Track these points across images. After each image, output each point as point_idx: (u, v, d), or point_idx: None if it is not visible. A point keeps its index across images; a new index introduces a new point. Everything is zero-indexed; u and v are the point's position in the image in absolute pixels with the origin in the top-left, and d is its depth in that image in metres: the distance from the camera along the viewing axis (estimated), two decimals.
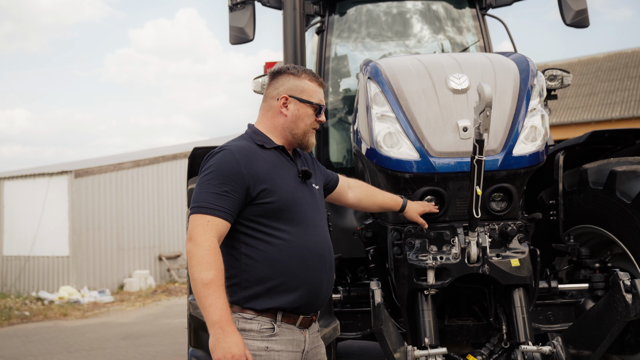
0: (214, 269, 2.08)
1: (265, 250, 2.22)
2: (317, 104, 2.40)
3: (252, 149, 2.30)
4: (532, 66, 3.40)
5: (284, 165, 2.35)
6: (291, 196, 2.28)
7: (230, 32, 4.89)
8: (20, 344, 8.35)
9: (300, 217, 2.28)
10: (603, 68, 21.08)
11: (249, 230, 2.24)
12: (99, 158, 18.43)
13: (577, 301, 3.59)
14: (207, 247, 2.10)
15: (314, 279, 2.28)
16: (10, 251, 13.94)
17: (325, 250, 2.35)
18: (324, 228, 2.40)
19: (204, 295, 2.05)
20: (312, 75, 2.42)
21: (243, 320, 2.21)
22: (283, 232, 2.24)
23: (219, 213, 2.15)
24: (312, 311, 2.34)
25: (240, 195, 2.19)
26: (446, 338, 3.33)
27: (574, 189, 3.72)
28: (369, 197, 2.93)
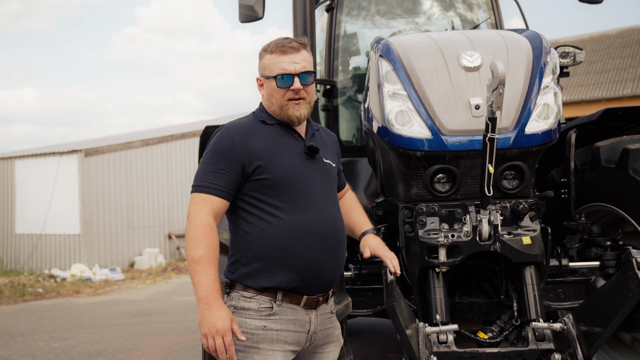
0: (204, 246, 2.12)
1: (262, 227, 2.22)
2: (274, 75, 2.30)
3: (253, 125, 2.31)
4: (545, 43, 3.37)
5: (288, 140, 2.32)
6: (290, 172, 2.25)
7: (239, 10, 4.86)
8: (35, 320, 8.49)
9: (301, 194, 2.25)
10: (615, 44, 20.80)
11: (247, 207, 2.25)
12: (109, 137, 18.49)
13: (587, 279, 3.61)
14: (199, 224, 2.14)
15: (312, 259, 2.24)
16: (23, 229, 14.09)
17: (329, 229, 2.29)
18: (331, 206, 2.34)
19: (194, 272, 2.11)
20: (275, 46, 2.31)
21: (243, 298, 2.23)
22: (280, 210, 2.22)
23: (213, 191, 2.19)
24: (317, 292, 2.30)
25: (235, 172, 2.21)
26: (457, 315, 3.36)
27: (585, 167, 3.71)
28: (344, 209, 2.67)
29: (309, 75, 2.32)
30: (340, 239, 2.35)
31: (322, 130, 2.52)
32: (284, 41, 2.31)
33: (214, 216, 2.19)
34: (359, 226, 2.66)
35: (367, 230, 2.64)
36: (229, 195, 2.22)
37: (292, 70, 2.28)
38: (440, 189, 3.21)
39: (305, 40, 2.36)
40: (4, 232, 14.49)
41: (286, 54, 2.29)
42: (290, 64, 2.28)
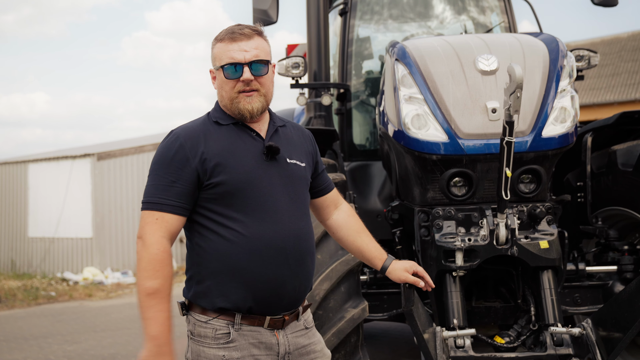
0: (160, 277, 1.90)
1: (215, 242, 1.98)
2: (224, 64, 2.03)
3: (204, 128, 2.06)
4: (561, 47, 3.37)
5: (244, 141, 2.06)
6: (245, 178, 1.99)
7: (253, 14, 4.89)
8: (49, 323, 8.53)
9: (258, 202, 1.99)
10: (627, 48, 20.67)
11: (201, 219, 2.00)
12: (121, 141, 18.59)
13: (605, 284, 3.59)
14: (155, 251, 1.91)
15: (271, 275, 1.98)
16: (36, 233, 14.18)
17: (290, 241, 2.01)
18: (294, 214, 2.06)
19: (147, 306, 1.89)
20: (224, 34, 2.07)
21: (199, 324, 2.00)
22: (235, 222, 1.97)
23: (167, 208, 1.95)
24: (280, 310, 2.04)
25: (190, 183, 1.97)
26: (474, 319, 3.35)
27: (602, 171, 3.69)
28: (352, 230, 2.36)
29: (262, 65, 2.04)
30: (303, 250, 2.07)
31: (291, 127, 2.23)
32: (234, 27, 2.07)
33: (170, 237, 1.97)
34: (379, 255, 2.34)
35: (388, 260, 2.34)
36: (184, 210, 1.97)
37: (241, 59, 2.02)
38: (457, 192, 3.21)
39: (259, 28, 2.11)
40: (17, 235, 14.59)
41: (235, 42, 2.03)
42: (240, 52, 2.02)
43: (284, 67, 4.76)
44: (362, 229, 2.38)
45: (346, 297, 3.16)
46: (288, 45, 6.29)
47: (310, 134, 2.31)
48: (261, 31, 2.10)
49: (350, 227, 2.36)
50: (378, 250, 2.35)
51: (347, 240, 2.37)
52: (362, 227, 2.38)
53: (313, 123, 4.47)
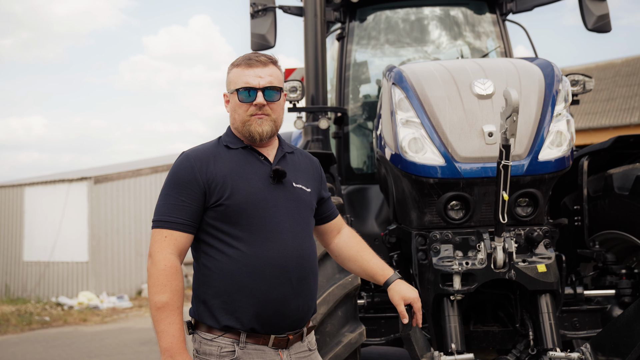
0: (168, 291, 1.97)
1: (221, 261, 2.05)
2: (237, 88, 2.13)
3: (214, 151, 2.15)
4: (557, 71, 3.40)
5: (252, 165, 2.14)
6: (251, 199, 2.06)
7: (251, 38, 4.95)
8: (42, 349, 8.43)
9: (262, 222, 2.06)
10: (621, 73, 20.89)
11: (208, 238, 2.09)
12: (118, 164, 18.59)
13: (603, 307, 3.57)
14: (162, 267, 1.99)
15: (273, 295, 2.04)
16: (31, 257, 14.09)
17: (293, 261, 2.07)
18: (297, 235, 2.12)
19: (157, 320, 1.97)
20: (242, 59, 2.17)
21: (204, 341, 2.05)
22: (240, 242, 2.04)
23: (175, 225, 2.03)
24: (283, 330, 2.09)
25: (198, 202, 2.06)
26: (472, 344, 3.32)
27: (598, 194, 3.70)
28: (354, 251, 2.40)
29: (275, 91, 2.14)
30: (306, 270, 2.12)
31: (299, 154, 2.31)
32: (251, 55, 2.18)
33: (179, 254, 2.05)
34: (381, 271, 2.36)
35: (392, 276, 2.35)
36: (192, 228, 2.07)
37: (255, 84, 2.12)
38: (454, 216, 3.21)
39: (274, 57, 2.21)
40: (12, 259, 14.49)
41: (251, 67, 2.14)
42: (255, 77, 2.13)
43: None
44: (364, 247, 2.41)
45: (343, 322, 3.14)
46: (285, 70, 6.33)
47: (318, 161, 2.38)
48: (276, 60, 2.21)
49: (351, 247, 2.41)
50: (381, 266, 2.37)
51: (349, 261, 2.41)
52: (363, 246, 2.42)
53: (310, 146, 4.49)
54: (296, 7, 5.08)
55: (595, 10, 4.67)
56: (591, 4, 4.65)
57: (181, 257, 2.07)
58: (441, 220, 3.22)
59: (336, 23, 5.43)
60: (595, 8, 4.67)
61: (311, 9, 4.52)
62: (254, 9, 4.89)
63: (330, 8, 5.16)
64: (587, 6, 4.66)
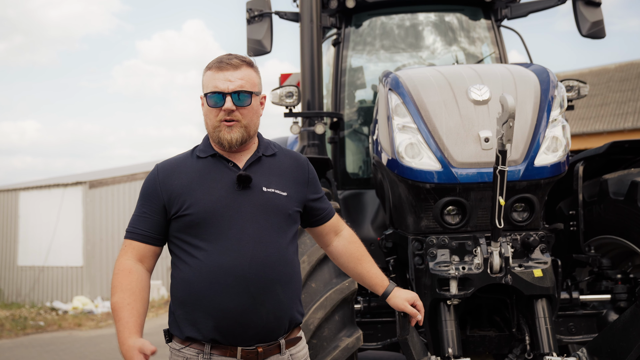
0: (118, 291, 2.00)
1: (182, 271, 2.04)
2: (208, 92, 2.06)
3: (181, 162, 2.13)
4: (552, 77, 3.42)
5: (217, 172, 2.08)
6: (210, 207, 2.01)
7: (248, 44, 4.95)
8: (36, 354, 8.39)
9: (222, 231, 2.01)
10: (614, 78, 21.01)
11: (174, 249, 2.09)
12: (113, 169, 18.56)
13: (599, 312, 3.58)
14: (116, 271, 2.05)
15: (229, 305, 1.97)
16: (25, 261, 14.04)
17: (252, 269, 1.99)
18: (262, 240, 2.03)
19: (114, 320, 2.00)
20: (213, 62, 2.09)
21: (173, 352, 2.05)
22: (199, 250, 2.01)
23: (135, 236, 2.08)
24: (250, 341, 2.01)
25: (158, 214, 2.07)
26: (468, 348, 3.33)
27: (594, 200, 3.72)
28: (353, 258, 2.35)
29: (246, 95, 2.05)
30: (269, 278, 2.02)
31: (283, 155, 2.22)
32: (224, 57, 2.09)
33: (139, 259, 2.07)
34: (380, 282, 2.34)
35: (390, 286, 2.33)
36: (152, 239, 2.08)
37: (224, 88, 2.03)
38: (451, 221, 3.22)
39: (249, 59, 2.12)
40: (6, 264, 14.43)
41: (222, 71, 2.05)
42: (224, 81, 2.04)
43: (277, 96, 4.80)
44: (363, 255, 2.37)
45: (340, 326, 3.15)
46: (281, 75, 6.35)
47: (306, 161, 2.28)
48: (250, 62, 2.11)
49: (351, 254, 2.36)
50: (379, 276, 2.34)
51: (348, 267, 2.37)
52: (363, 254, 2.37)
53: (306, 151, 4.50)
54: (292, 13, 5.10)
55: (589, 17, 4.70)
56: (586, 10, 4.69)
57: (145, 263, 2.09)
58: (438, 225, 3.23)
59: (332, 29, 5.45)
60: (589, 14, 4.71)
61: (307, 15, 4.55)
62: (250, 14, 4.89)
63: (326, 14, 5.18)
64: (581, 12, 4.69)
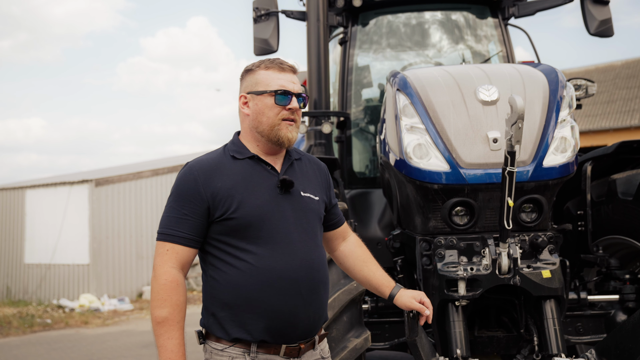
0: (168, 306, 1.97)
1: (229, 273, 2.03)
2: (274, 90, 2.10)
3: (218, 162, 2.10)
4: (561, 77, 3.41)
5: (258, 176, 2.11)
6: (258, 212, 2.04)
7: (254, 43, 4.95)
8: (44, 351, 8.43)
9: (270, 234, 2.04)
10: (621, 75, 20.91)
11: (215, 251, 2.07)
12: (119, 167, 18.61)
13: (607, 313, 3.58)
14: (163, 281, 1.99)
15: (283, 306, 2.02)
16: (32, 259, 14.10)
17: (302, 271, 2.05)
18: (306, 245, 2.10)
19: (157, 334, 1.97)
20: (270, 62, 2.14)
21: (215, 352, 2.04)
22: (248, 254, 2.02)
23: (178, 239, 2.02)
24: (295, 339, 2.07)
25: (201, 216, 2.03)
26: (476, 349, 3.33)
27: (602, 200, 3.71)
28: (359, 260, 2.39)
29: (302, 99, 2.15)
30: (316, 280, 2.10)
31: (307, 160, 2.28)
32: (278, 60, 2.16)
33: (181, 267, 2.03)
34: (387, 283, 2.35)
35: (396, 287, 2.34)
36: (195, 242, 2.05)
37: (291, 88, 2.12)
38: (459, 221, 3.22)
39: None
40: (13, 262, 14.50)
41: (284, 72, 2.14)
42: (290, 82, 2.13)
43: None
44: (369, 258, 2.40)
45: (349, 327, 3.15)
46: None
47: (326, 167, 2.36)
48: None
49: (357, 256, 2.39)
50: (385, 278, 2.36)
51: (354, 270, 2.40)
52: (368, 257, 2.41)
53: (313, 151, 4.50)
54: (299, 12, 5.09)
55: (597, 15, 4.68)
56: (594, 8, 4.66)
57: (184, 270, 2.07)
58: (446, 225, 3.23)
59: (338, 27, 5.45)
60: (597, 13, 4.68)
61: (314, 14, 4.54)
62: (256, 13, 4.89)
63: (332, 13, 5.17)
64: (589, 11, 4.66)
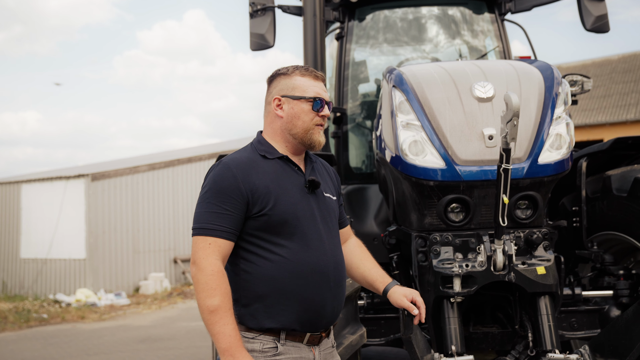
0: (219, 294, 2.04)
1: (262, 266, 2.13)
2: (312, 97, 2.24)
3: (252, 160, 2.21)
4: (556, 74, 3.41)
5: (288, 175, 2.23)
6: (292, 209, 2.16)
7: (250, 38, 4.93)
8: (40, 346, 8.44)
9: (303, 230, 2.17)
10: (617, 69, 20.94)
11: (248, 245, 2.16)
12: (115, 161, 18.57)
13: (601, 308, 3.59)
14: (210, 271, 2.06)
15: (314, 298, 2.15)
16: (28, 254, 14.08)
17: (330, 266, 2.20)
18: (332, 242, 2.25)
19: (212, 323, 2.03)
20: (305, 70, 2.27)
21: (245, 339, 2.13)
22: (282, 248, 2.14)
23: (220, 233, 2.10)
24: (319, 329, 2.22)
25: (240, 211, 2.12)
26: (471, 345, 3.34)
27: (597, 196, 3.72)
28: (357, 258, 2.51)
29: (330, 106, 2.31)
30: (341, 275, 2.27)
31: (320, 163, 2.43)
32: (311, 68, 2.30)
33: (222, 259, 2.12)
34: (381, 279, 2.45)
35: (391, 283, 2.43)
36: (235, 236, 2.14)
37: (324, 96, 2.27)
38: (454, 218, 3.23)
39: None
40: (9, 256, 14.47)
41: (317, 80, 2.28)
42: (323, 91, 2.28)
43: None
44: (367, 256, 2.53)
45: (344, 323, 3.16)
46: None
47: (334, 170, 2.48)
48: None
49: (355, 255, 2.51)
50: (381, 275, 2.47)
51: (351, 267, 2.50)
52: (366, 255, 2.53)
53: None
54: (295, 7, 5.08)
55: (594, 11, 4.68)
56: (590, 4, 4.66)
57: (224, 263, 2.14)
58: (441, 222, 3.24)
59: (335, 22, 5.43)
60: (593, 8, 4.68)
61: (310, 9, 4.52)
62: (253, 8, 4.87)
63: (329, 8, 5.16)
64: (585, 6, 4.66)
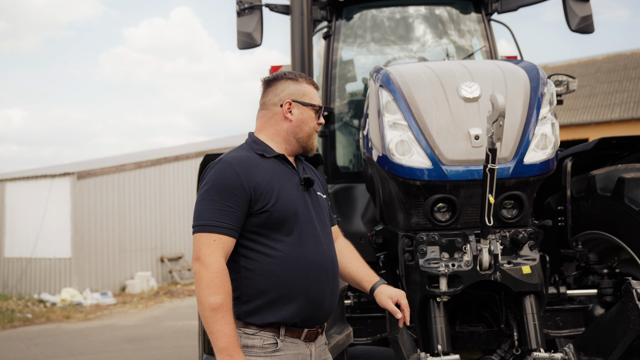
0: (222, 292, 2.05)
1: (264, 263, 2.16)
2: (318, 105, 2.37)
3: (252, 159, 2.24)
4: (542, 74, 3.44)
5: (285, 174, 2.29)
6: (291, 206, 2.21)
7: (238, 37, 4.92)
8: (24, 347, 8.36)
9: (301, 227, 2.22)
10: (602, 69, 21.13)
11: (248, 243, 2.19)
12: (101, 159, 18.43)
13: (585, 307, 3.63)
14: (215, 269, 2.06)
15: (315, 292, 2.21)
16: (12, 253, 13.93)
17: (328, 261, 2.27)
18: (327, 238, 2.32)
19: (212, 321, 2.04)
20: (309, 79, 2.39)
21: (245, 336, 2.16)
22: (282, 244, 2.18)
23: (224, 230, 2.11)
24: (317, 324, 2.27)
25: (243, 209, 2.15)
26: (457, 344, 3.36)
27: (581, 195, 3.75)
28: (344, 258, 2.54)
29: None
30: (337, 270, 2.34)
31: (306, 163, 2.51)
32: (309, 77, 2.43)
33: (225, 256, 2.13)
34: (368, 277, 2.49)
35: (378, 282, 2.47)
36: (237, 233, 2.16)
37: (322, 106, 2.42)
38: (441, 218, 3.24)
39: None
40: None
41: (317, 91, 2.42)
42: (320, 101, 2.42)
43: None
44: (355, 255, 2.57)
45: (331, 323, 3.16)
46: (272, 67, 6.32)
47: (319, 171, 2.57)
48: None
49: (344, 254, 2.55)
50: (368, 274, 2.51)
51: (340, 266, 2.50)
52: (354, 254, 2.58)
53: None
54: (282, 6, 5.06)
55: (578, 12, 4.72)
56: (575, 5, 4.70)
57: (226, 260, 2.15)
58: (428, 222, 3.25)
59: (322, 21, 5.43)
60: (578, 9, 4.72)
61: (297, 8, 4.52)
62: (240, 7, 4.85)
63: (316, 6, 5.15)
64: (570, 7, 4.70)
